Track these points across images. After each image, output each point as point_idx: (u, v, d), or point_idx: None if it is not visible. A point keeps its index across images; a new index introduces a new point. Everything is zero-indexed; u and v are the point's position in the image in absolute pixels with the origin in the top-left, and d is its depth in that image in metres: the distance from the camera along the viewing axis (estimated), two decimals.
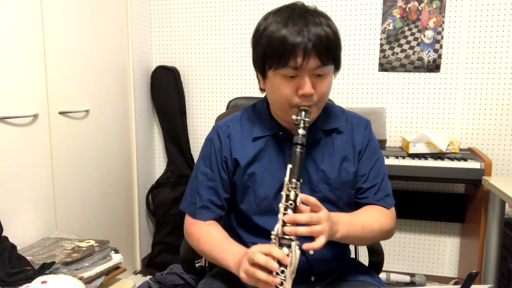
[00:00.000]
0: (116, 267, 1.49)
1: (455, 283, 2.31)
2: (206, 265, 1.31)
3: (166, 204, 2.54)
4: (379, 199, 1.05)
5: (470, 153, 2.08)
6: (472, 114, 2.24)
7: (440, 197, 2.31)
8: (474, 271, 0.80)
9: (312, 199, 0.84)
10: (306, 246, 0.81)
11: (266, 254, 0.80)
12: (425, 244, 2.41)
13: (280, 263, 0.79)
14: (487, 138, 2.24)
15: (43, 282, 1.16)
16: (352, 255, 1.24)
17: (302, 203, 0.85)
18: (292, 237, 0.81)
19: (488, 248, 1.84)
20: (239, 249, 0.92)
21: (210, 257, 1.00)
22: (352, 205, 1.08)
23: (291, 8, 0.93)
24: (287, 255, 0.80)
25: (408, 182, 2.36)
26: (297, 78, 0.91)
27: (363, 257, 1.22)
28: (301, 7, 0.93)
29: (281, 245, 0.82)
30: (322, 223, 0.83)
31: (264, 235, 1.02)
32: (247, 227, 1.06)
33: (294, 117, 0.91)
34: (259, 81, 1.02)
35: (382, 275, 2.33)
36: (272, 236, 0.83)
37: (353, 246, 1.31)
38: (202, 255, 1.05)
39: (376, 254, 1.22)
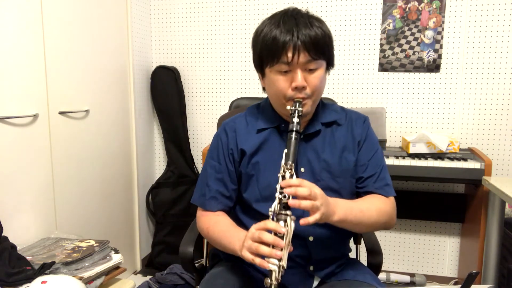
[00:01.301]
0: (116, 267, 1.49)
1: (455, 283, 2.31)
2: (207, 264, 1.31)
3: (166, 204, 2.54)
4: (378, 188, 1.09)
5: (470, 153, 2.08)
6: (472, 114, 2.24)
7: (440, 197, 2.31)
8: (474, 271, 0.80)
9: (307, 182, 0.90)
10: (302, 220, 0.88)
11: (262, 228, 0.88)
12: (425, 244, 2.41)
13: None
14: (487, 138, 2.24)
15: (43, 282, 1.17)
16: (353, 256, 1.25)
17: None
18: (288, 212, 0.89)
19: (488, 248, 1.84)
20: (245, 235, 0.97)
21: (218, 243, 1.06)
22: (355, 195, 1.12)
23: (283, 12, 1.04)
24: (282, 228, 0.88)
25: (408, 182, 2.36)
26: (291, 72, 1.00)
27: (363, 258, 1.23)
28: (293, 11, 1.03)
29: (278, 220, 0.89)
30: (318, 199, 0.89)
31: None
32: (250, 214, 1.11)
33: (288, 107, 1.01)
34: (261, 81, 1.11)
35: (382, 275, 2.33)
36: (270, 213, 0.91)
37: (354, 247, 1.32)
38: (211, 243, 1.11)
39: (375, 255, 1.22)
